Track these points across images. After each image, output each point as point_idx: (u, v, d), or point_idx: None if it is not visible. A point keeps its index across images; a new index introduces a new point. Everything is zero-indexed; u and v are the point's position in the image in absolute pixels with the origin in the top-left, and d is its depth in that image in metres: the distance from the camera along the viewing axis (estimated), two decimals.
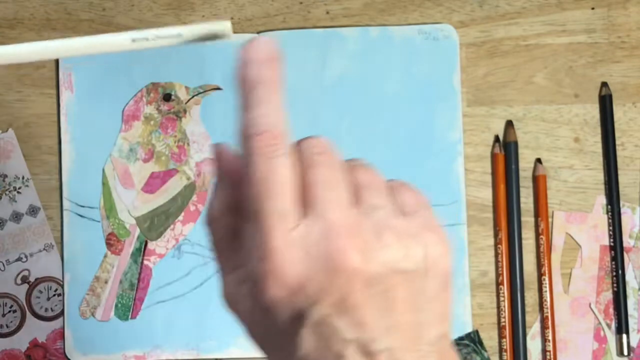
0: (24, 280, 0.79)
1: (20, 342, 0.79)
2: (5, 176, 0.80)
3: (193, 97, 0.80)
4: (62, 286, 0.79)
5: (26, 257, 0.79)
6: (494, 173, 0.80)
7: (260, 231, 0.40)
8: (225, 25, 0.43)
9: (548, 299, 0.78)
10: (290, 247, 0.40)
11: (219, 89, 0.80)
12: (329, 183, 0.41)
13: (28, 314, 0.79)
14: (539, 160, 0.80)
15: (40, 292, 0.79)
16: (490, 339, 0.79)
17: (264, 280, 0.40)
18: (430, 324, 0.42)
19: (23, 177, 0.79)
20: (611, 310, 0.79)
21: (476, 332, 0.79)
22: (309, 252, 0.40)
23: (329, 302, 0.40)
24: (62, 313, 0.79)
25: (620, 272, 0.79)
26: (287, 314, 0.41)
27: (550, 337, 0.78)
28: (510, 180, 0.80)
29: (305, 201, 0.41)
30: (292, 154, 0.42)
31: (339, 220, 0.40)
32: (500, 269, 0.79)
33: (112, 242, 0.79)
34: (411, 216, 0.43)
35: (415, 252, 0.41)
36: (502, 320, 0.78)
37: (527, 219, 0.80)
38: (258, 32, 0.80)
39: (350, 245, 0.40)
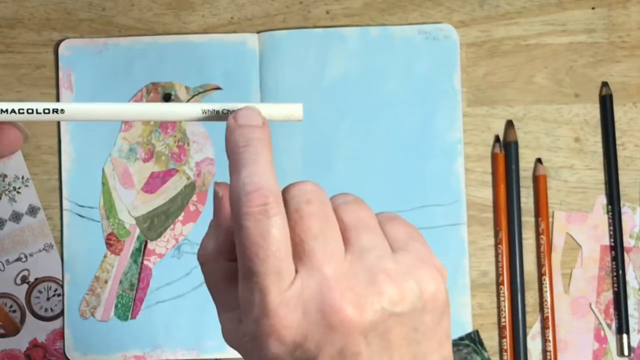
0: (24, 280, 0.79)
1: (20, 342, 0.79)
2: (5, 176, 0.80)
3: (193, 97, 0.80)
4: (62, 286, 0.79)
5: (26, 257, 0.79)
6: (494, 173, 0.80)
7: (256, 291, 0.41)
8: (297, 109, 0.46)
9: (548, 299, 0.78)
10: (287, 307, 0.41)
11: (219, 88, 0.80)
12: (320, 235, 0.42)
13: (28, 314, 0.79)
14: (539, 160, 0.80)
15: (40, 292, 0.79)
16: (490, 339, 0.79)
17: (264, 338, 0.41)
18: (431, 351, 0.43)
19: (23, 177, 0.79)
20: (611, 310, 0.79)
21: (476, 332, 0.79)
22: (305, 309, 0.41)
23: (328, 354, 0.41)
24: (62, 313, 0.79)
25: (620, 272, 0.79)
26: None
27: (550, 337, 0.78)
28: (511, 180, 0.80)
29: (298, 253, 0.42)
30: (281, 206, 0.42)
31: (332, 273, 0.41)
32: (500, 269, 0.79)
33: (112, 242, 0.79)
34: (403, 251, 0.43)
35: (410, 292, 0.42)
36: (503, 320, 0.78)
37: (528, 219, 0.80)
38: (258, 32, 0.80)
39: (345, 300, 0.41)
